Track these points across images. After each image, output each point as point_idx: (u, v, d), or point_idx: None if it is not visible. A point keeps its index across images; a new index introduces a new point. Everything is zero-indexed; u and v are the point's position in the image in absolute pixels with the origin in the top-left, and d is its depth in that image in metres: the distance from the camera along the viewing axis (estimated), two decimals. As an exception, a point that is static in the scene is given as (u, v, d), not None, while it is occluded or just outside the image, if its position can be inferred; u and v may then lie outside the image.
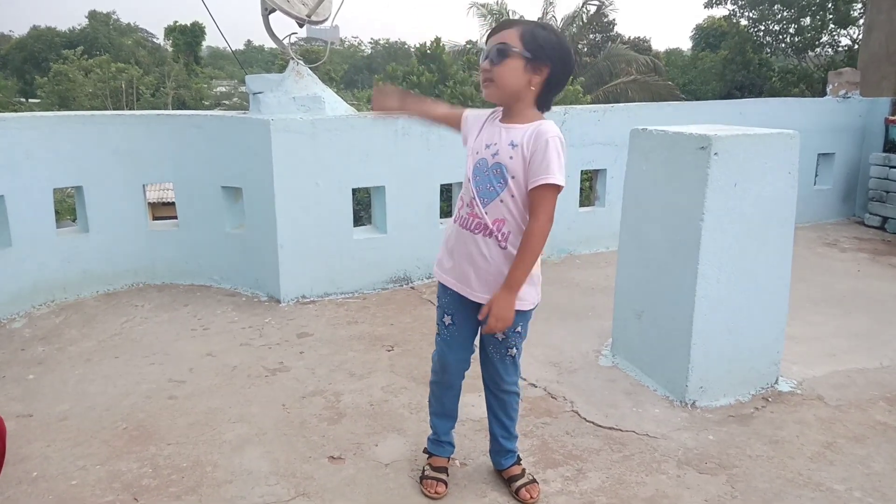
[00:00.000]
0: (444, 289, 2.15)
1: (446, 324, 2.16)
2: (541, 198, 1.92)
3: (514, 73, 1.92)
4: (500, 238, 1.98)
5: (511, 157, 1.94)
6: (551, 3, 24.03)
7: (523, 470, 2.27)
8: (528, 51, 1.91)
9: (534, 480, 2.24)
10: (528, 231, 1.94)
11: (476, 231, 2.00)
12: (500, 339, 2.11)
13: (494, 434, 2.28)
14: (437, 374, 2.26)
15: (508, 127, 1.98)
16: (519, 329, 2.10)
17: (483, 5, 24.92)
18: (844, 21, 19.81)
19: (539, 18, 23.93)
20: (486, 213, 1.98)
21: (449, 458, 2.33)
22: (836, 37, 21.13)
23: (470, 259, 2.03)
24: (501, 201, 1.96)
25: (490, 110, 2.11)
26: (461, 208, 2.07)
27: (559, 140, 1.91)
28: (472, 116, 2.14)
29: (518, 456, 2.30)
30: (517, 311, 2.00)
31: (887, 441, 2.55)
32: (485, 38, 2.09)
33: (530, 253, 1.94)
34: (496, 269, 2.00)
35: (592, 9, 24.03)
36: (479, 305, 2.05)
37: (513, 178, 1.94)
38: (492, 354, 2.16)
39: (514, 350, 2.14)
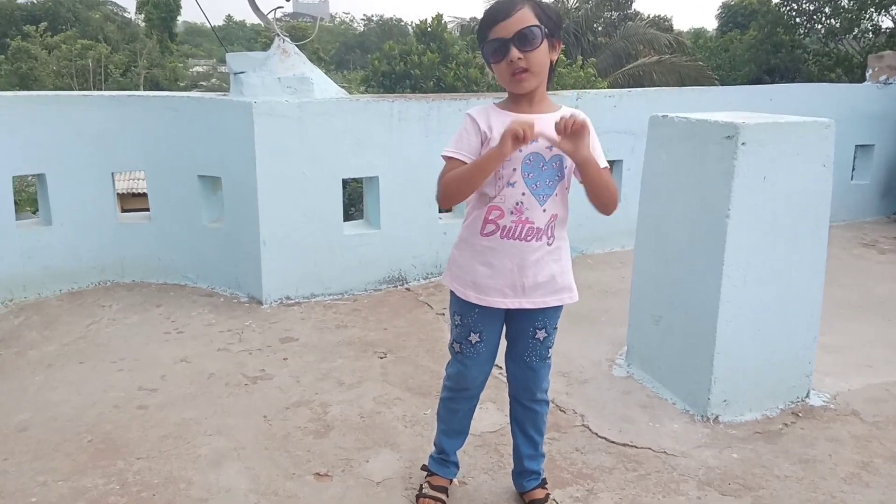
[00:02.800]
0: (469, 306, 2.10)
1: (473, 342, 2.14)
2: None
3: (545, 55, 1.94)
4: (549, 236, 2.04)
5: None
6: None
7: (547, 495, 2.26)
8: (547, 28, 1.92)
9: None
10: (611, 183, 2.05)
11: (528, 238, 2.01)
12: (542, 340, 2.13)
13: (520, 454, 2.27)
14: (455, 392, 2.25)
15: (542, 116, 1.96)
16: (556, 326, 2.17)
17: None
18: (883, 3, 19.83)
19: None
20: (542, 212, 2.00)
21: (451, 479, 2.34)
22: (876, 20, 21.13)
23: (521, 269, 2.03)
24: (556, 195, 2.02)
25: (481, 108, 2.02)
26: (500, 217, 2.00)
27: None
28: (477, 117, 2.01)
29: (544, 479, 2.30)
30: (560, 307, 2.12)
31: (929, 461, 2.56)
32: (479, 25, 1.97)
33: (612, 187, 2.05)
34: (548, 269, 2.05)
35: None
36: (504, 312, 2.11)
37: (567, 167, 2.01)
38: (530, 360, 2.16)
39: (552, 350, 2.19)
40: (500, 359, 3.18)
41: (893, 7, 19.68)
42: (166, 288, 4.36)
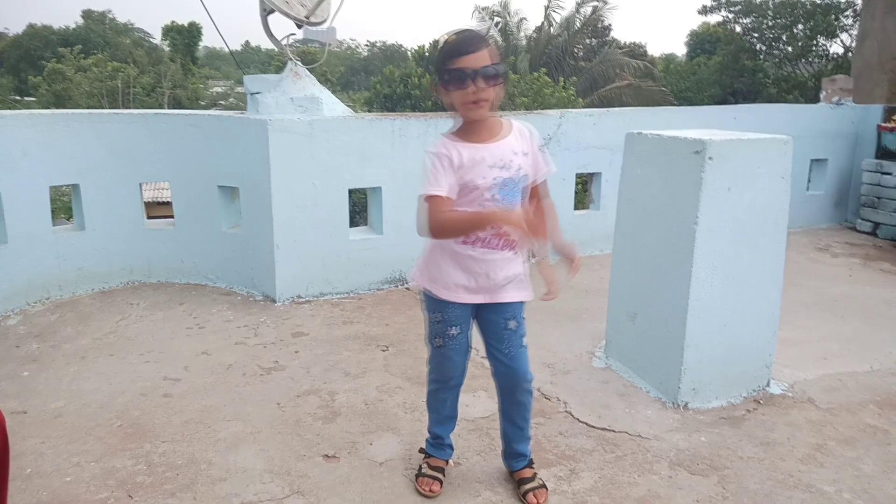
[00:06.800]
0: (448, 304, 2.14)
1: (454, 335, 2.16)
2: (546, 184, 2.19)
3: (501, 91, 1.98)
4: (516, 246, 2.10)
5: (529, 165, 2.09)
6: (554, 6, 23.99)
7: (534, 473, 2.26)
8: (502, 67, 1.97)
9: (543, 485, 2.23)
10: (552, 207, 2.21)
11: (503, 248, 2.08)
12: (514, 329, 2.15)
13: (509, 438, 2.28)
14: (441, 383, 2.26)
15: (500, 143, 2.03)
16: (524, 316, 2.19)
17: (484, 8, 24.98)
18: (829, 32, 19.98)
19: (542, 22, 23.98)
20: None
21: (448, 460, 2.34)
22: (826, 46, 21.25)
23: (492, 273, 2.09)
24: (520, 207, 2.07)
25: (441, 145, 2.01)
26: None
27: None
28: (449, 160, 2.00)
29: (531, 459, 2.30)
30: (523, 302, 2.18)
31: (877, 444, 2.57)
32: (441, 54, 1.96)
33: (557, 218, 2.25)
34: (512, 270, 2.12)
35: (588, 10, 24.07)
36: (475, 307, 2.15)
37: (526, 186, 2.09)
38: (509, 351, 2.16)
39: (525, 339, 2.19)
40: (491, 352, 3.19)
41: (842, 34, 19.82)
42: (189, 287, 4.35)
